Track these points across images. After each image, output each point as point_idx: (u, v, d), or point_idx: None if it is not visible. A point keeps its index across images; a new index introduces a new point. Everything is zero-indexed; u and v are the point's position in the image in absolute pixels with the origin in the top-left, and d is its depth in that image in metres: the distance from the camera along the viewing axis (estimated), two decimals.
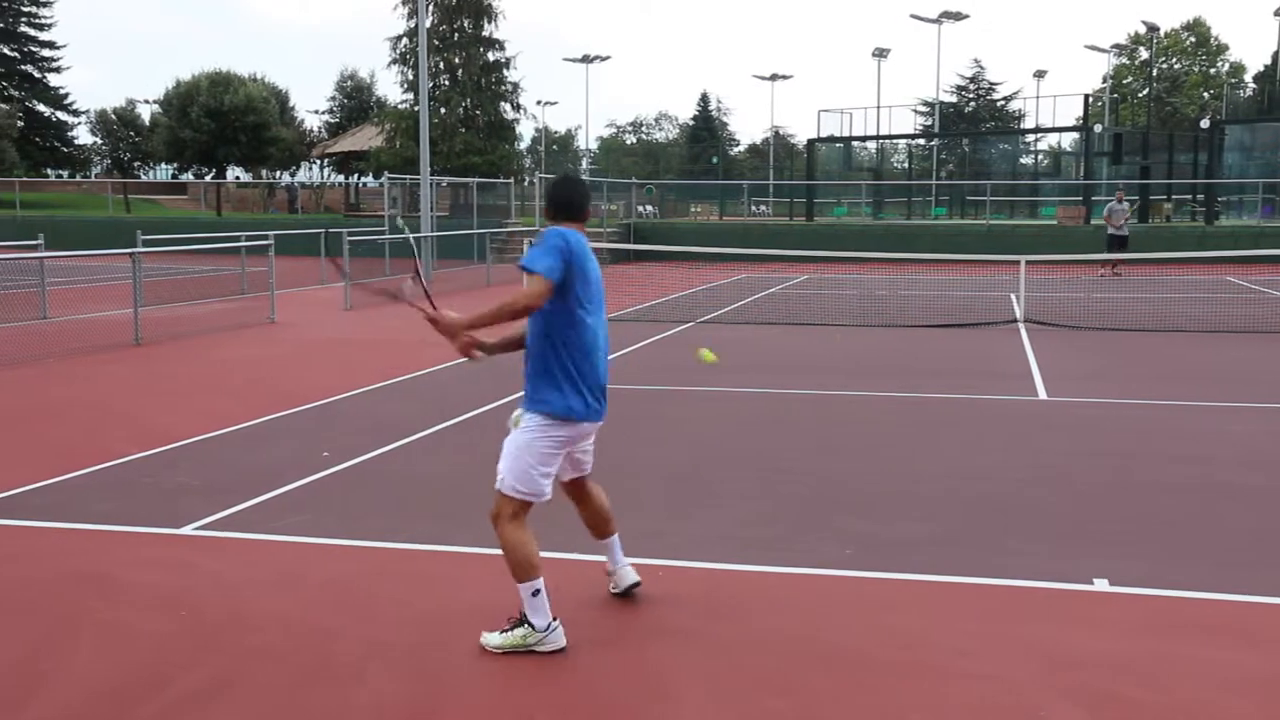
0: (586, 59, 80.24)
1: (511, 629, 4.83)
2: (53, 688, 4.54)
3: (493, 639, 4.85)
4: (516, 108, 47.69)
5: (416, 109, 35.44)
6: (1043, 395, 11.30)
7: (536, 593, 4.78)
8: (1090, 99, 49.62)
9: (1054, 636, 5.01)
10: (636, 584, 5.40)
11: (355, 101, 69.52)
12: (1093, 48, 72.03)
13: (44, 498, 7.38)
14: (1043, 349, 14.47)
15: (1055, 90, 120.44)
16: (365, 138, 52.31)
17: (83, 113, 71.62)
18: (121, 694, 4.48)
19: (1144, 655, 4.84)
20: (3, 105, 59.51)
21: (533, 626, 4.78)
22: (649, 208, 51.18)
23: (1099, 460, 8.48)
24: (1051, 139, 59.18)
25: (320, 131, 70.80)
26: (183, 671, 4.68)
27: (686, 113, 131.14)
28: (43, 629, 5.16)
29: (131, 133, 72.77)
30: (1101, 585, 5.66)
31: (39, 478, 7.81)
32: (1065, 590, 5.62)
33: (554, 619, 4.82)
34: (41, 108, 68.39)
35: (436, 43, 44.04)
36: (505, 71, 46.73)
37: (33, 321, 17.16)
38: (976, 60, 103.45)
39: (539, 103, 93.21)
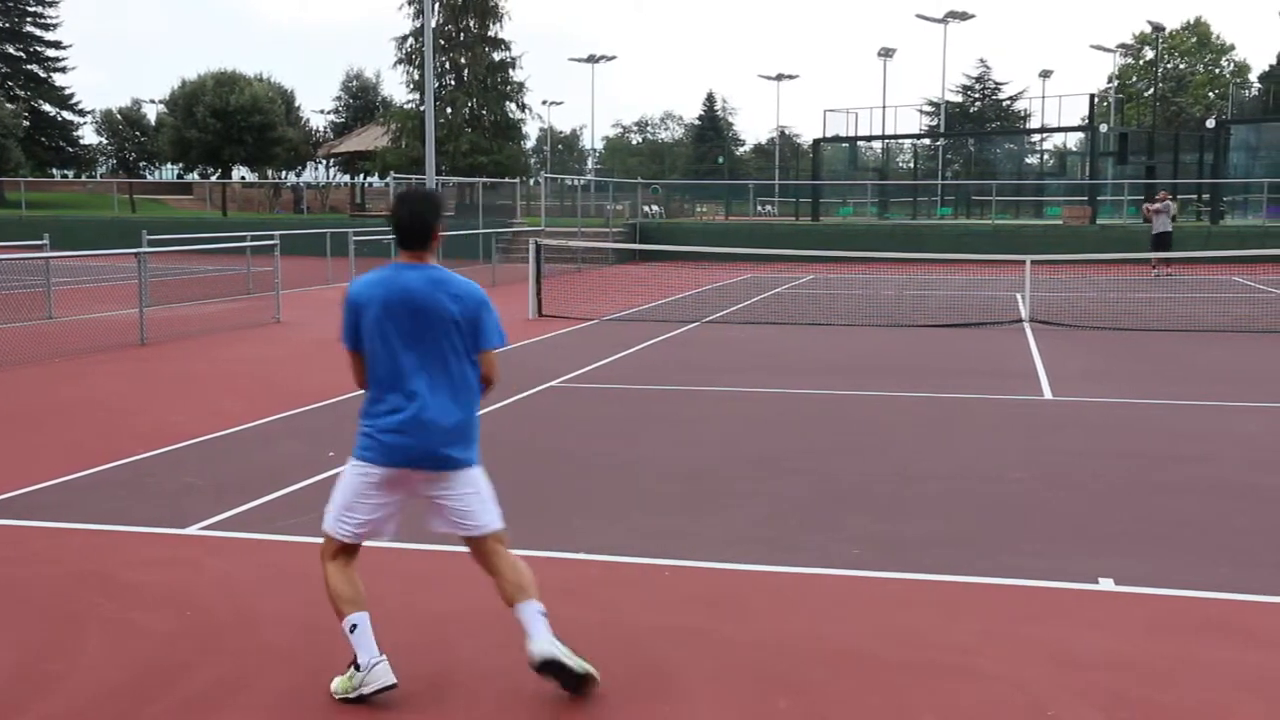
0: (592, 59, 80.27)
1: (350, 672, 4.41)
2: (60, 687, 4.54)
3: (335, 684, 4.44)
4: (522, 108, 47.69)
5: (422, 109, 35.50)
6: (1048, 395, 11.28)
7: (354, 628, 4.38)
8: (1096, 99, 49.54)
9: (1062, 636, 5.00)
10: (551, 660, 4.35)
11: (361, 101, 69.68)
12: (1098, 48, 72.12)
13: (50, 497, 7.38)
14: (1048, 348, 14.44)
15: (1061, 90, 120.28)
16: (371, 138, 52.36)
17: (88, 113, 71.83)
18: (128, 693, 4.48)
19: (1152, 655, 4.83)
20: (8, 105, 59.63)
21: (356, 666, 4.37)
22: (654, 208, 51.26)
23: (1104, 460, 8.45)
24: (1057, 139, 59.19)
25: (326, 132, 70.96)
26: (189, 671, 4.68)
27: (692, 112, 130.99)
28: (50, 628, 5.16)
29: (137, 133, 72.90)
30: (1107, 585, 5.65)
31: (45, 477, 7.82)
32: (1072, 590, 5.61)
33: (379, 655, 4.36)
34: (47, 107, 68.57)
35: (442, 42, 44.06)
36: (511, 71, 46.73)
37: (38, 321, 17.17)
38: (982, 60, 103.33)
39: (545, 103, 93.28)
